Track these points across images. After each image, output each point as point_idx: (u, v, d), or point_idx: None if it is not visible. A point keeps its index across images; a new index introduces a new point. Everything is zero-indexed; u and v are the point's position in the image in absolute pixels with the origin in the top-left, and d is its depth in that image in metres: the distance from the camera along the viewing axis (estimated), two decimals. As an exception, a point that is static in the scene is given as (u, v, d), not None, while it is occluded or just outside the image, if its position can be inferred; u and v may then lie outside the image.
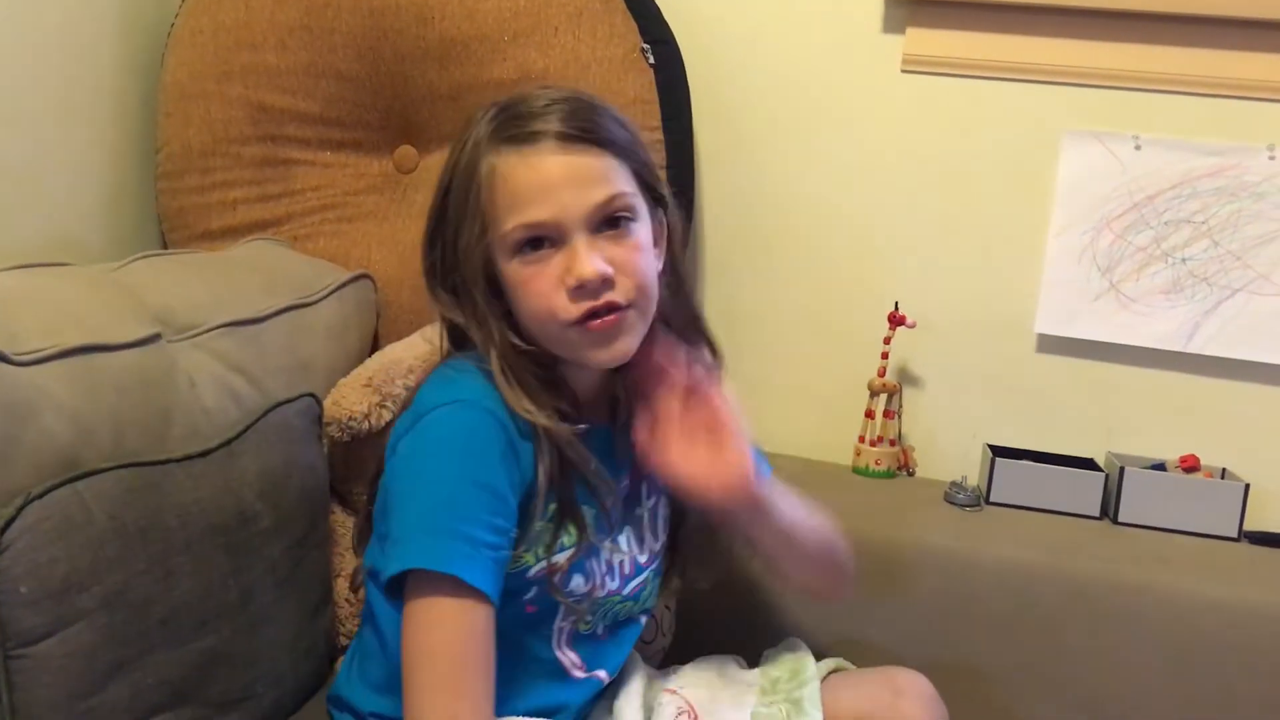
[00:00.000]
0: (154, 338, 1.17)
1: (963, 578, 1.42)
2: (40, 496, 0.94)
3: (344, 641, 1.32)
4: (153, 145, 1.65)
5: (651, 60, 1.54)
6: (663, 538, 1.18)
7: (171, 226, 1.65)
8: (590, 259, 0.99)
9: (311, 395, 1.30)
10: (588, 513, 1.06)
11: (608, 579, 1.11)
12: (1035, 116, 1.59)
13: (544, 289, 1.00)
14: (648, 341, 1.06)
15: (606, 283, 1.00)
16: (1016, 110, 1.60)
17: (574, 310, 1.00)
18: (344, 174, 1.63)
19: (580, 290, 0.99)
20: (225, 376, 1.25)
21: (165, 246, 1.66)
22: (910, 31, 1.61)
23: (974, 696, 1.41)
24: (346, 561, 1.34)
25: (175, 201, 1.63)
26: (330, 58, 1.58)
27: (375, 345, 1.55)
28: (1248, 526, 1.50)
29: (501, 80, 1.53)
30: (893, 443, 1.64)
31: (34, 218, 1.49)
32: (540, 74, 1.52)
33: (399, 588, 0.98)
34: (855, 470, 1.65)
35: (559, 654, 1.11)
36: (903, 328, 1.61)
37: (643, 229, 1.05)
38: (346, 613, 1.33)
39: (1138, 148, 1.56)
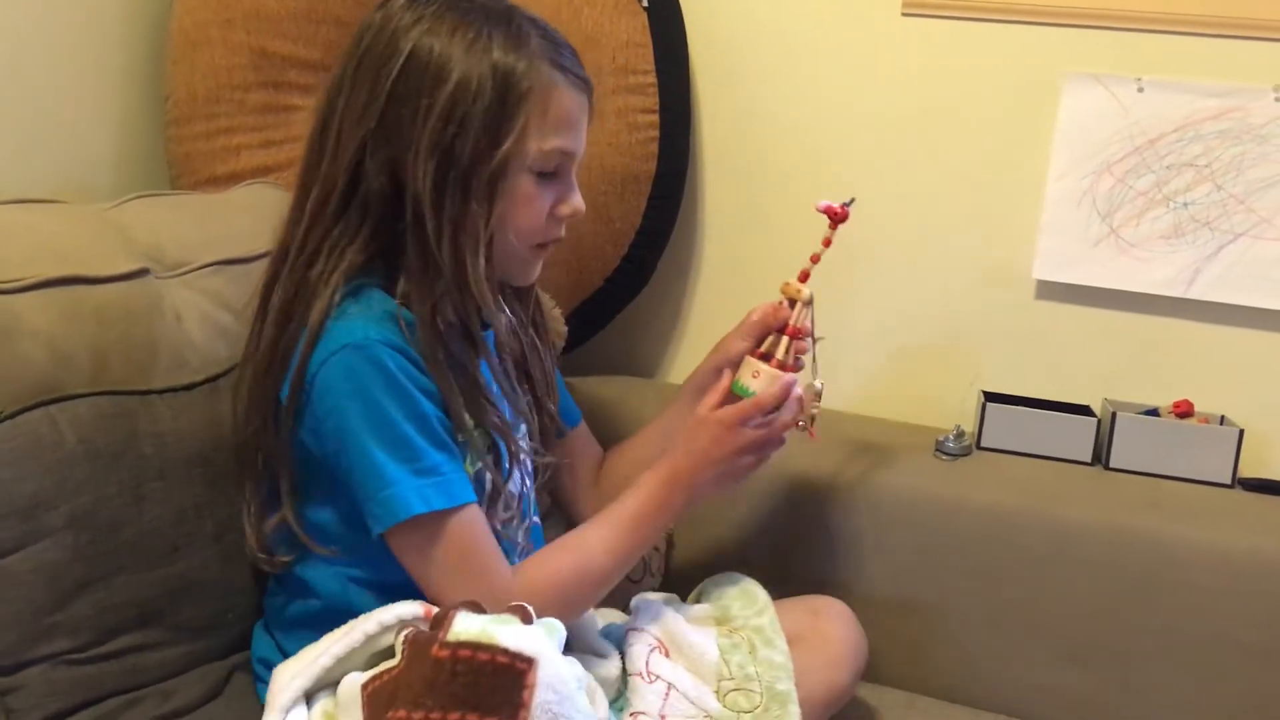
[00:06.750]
0: (141, 272, 1.20)
1: (949, 522, 1.42)
2: (11, 417, 0.98)
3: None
4: (161, 93, 1.68)
5: (645, 3, 1.54)
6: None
7: (179, 173, 1.67)
8: (580, 197, 1.12)
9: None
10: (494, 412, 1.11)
11: (525, 477, 1.17)
12: (1036, 59, 1.57)
13: (543, 210, 1.09)
14: None
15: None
16: (1017, 53, 1.58)
17: (553, 235, 1.12)
18: (345, 120, 1.65)
19: (564, 220, 1.11)
20: (213, 313, 1.27)
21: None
22: (910, -27, 1.60)
23: (957, 641, 1.41)
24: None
25: (182, 148, 1.66)
26: (329, 3, 1.59)
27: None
28: (1243, 473, 1.48)
29: (495, 24, 1.53)
30: None
31: (45, 165, 1.52)
32: (533, 17, 1.53)
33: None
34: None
35: None
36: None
37: None
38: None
39: (1140, 90, 1.53)
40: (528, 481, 1.18)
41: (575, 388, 1.66)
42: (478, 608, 0.87)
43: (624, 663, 1.13)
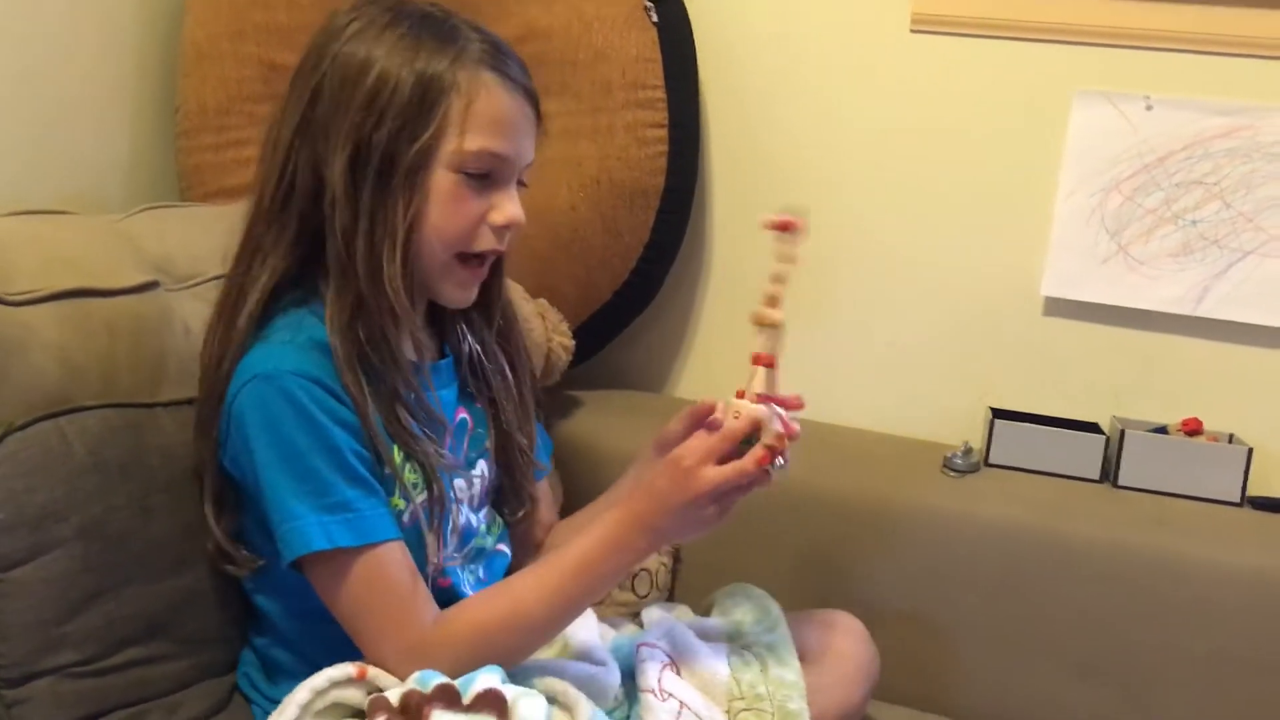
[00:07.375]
0: (151, 285, 1.20)
1: (957, 539, 1.42)
2: (21, 428, 0.98)
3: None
4: (173, 105, 1.69)
5: (654, 19, 1.54)
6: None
7: (189, 184, 1.68)
8: (519, 208, 1.06)
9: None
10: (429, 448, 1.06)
11: (473, 512, 1.14)
12: (1045, 76, 1.57)
13: (471, 214, 1.04)
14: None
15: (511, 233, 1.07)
16: (1026, 70, 1.58)
17: (484, 244, 1.05)
18: (354, 133, 1.65)
19: (500, 231, 1.05)
20: (222, 326, 1.27)
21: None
22: (919, -10, 1.60)
23: (964, 658, 1.41)
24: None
25: (192, 159, 1.67)
26: (340, 17, 1.60)
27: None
28: (1252, 492, 1.47)
29: (506, 38, 1.53)
30: None
31: (56, 176, 1.53)
32: (544, 31, 1.53)
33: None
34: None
35: None
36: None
37: None
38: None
39: (1149, 108, 1.53)
40: (474, 517, 1.15)
41: (582, 401, 1.67)
42: (453, 699, 0.86)
43: (634, 677, 1.13)
